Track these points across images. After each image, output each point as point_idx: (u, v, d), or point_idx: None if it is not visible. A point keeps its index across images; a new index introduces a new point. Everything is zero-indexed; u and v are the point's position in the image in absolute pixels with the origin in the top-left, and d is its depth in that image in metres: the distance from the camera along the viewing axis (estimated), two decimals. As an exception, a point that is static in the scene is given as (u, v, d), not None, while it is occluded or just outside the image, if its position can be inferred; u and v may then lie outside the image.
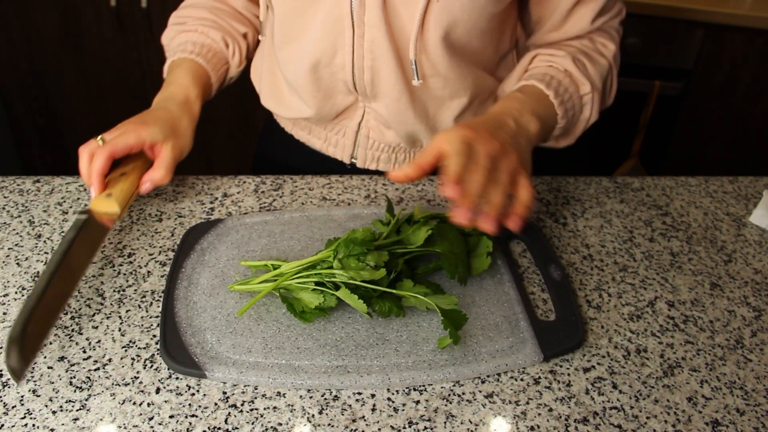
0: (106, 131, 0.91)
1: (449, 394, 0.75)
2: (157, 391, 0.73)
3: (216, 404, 0.72)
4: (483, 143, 0.74)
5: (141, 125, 0.92)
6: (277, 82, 1.08)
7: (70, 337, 0.78)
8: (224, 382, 0.74)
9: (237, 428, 0.70)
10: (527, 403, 0.75)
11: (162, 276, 0.87)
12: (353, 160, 1.11)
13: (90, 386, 0.73)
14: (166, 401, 0.72)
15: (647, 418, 0.75)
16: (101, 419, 0.70)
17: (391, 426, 0.72)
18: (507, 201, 0.76)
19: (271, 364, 0.75)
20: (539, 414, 0.74)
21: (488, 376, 0.77)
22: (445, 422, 0.72)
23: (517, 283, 0.89)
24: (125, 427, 0.69)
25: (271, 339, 0.78)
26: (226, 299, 0.83)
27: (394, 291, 0.81)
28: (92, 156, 0.88)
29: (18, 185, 1.02)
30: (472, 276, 0.88)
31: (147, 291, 0.85)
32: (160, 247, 0.92)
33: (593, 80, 0.96)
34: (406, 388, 0.75)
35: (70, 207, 0.98)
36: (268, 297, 0.84)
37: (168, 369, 0.75)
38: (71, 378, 0.74)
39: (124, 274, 0.87)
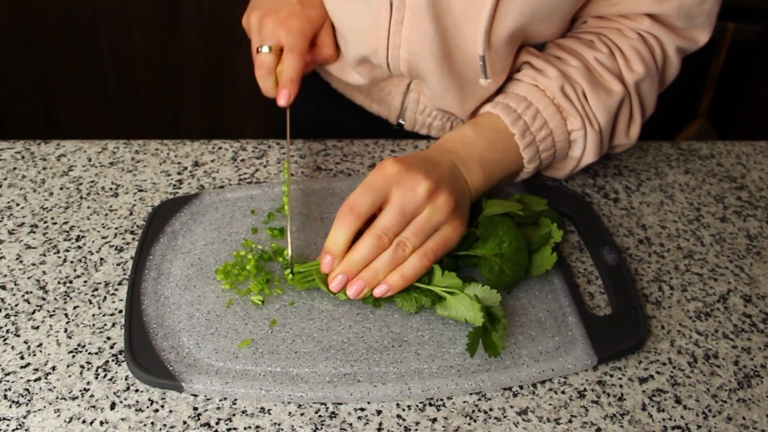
0: (254, 36, 0.97)
1: (473, 410, 0.75)
2: (112, 406, 0.73)
3: (185, 423, 0.72)
4: (403, 189, 0.79)
5: (303, 19, 0.97)
6: None
7: (4, 340, 0.78)
8: (197, 395, 0.74)
9: (211, 452, 0.70)
10: (570, 421, 0.74)
11: (118, 264, 0.87)
12: (401, 122, 1.11)
13: (29, 400, 0.72)
14: (123, 419, 0.71)
15: (718, 440, 0.74)
16: (44, 441, 0.70)
17: (401, 449, 0.71)
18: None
19: (262, 372, 0.75)
20: (584, 435, 0.74)
21: (521, 388, 0.77)
22: (467, 445, 0.72)
23: (562, 269, 0.88)
24: (73, 451, 0.69)
25: (263, 342, 0.78)
26: (205, 293, 0.83)
27: (419, 284, 0.81)
28: (271, 70, 0.94)
29: (-60, 152, 1.01)
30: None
31: (99, 283, 0.85)
32: (116, 228, 0.92)
33: (590, 113, 0.93)
34: (421, 402, 0.75)
35: (5, 179, 0.97)
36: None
37: (126, 380, 0.75)
38: (6, 390, 0.73)
39: (71, 262, 0.87)
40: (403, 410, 0.74)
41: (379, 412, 0.74)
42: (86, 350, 0.77)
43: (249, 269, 0.84)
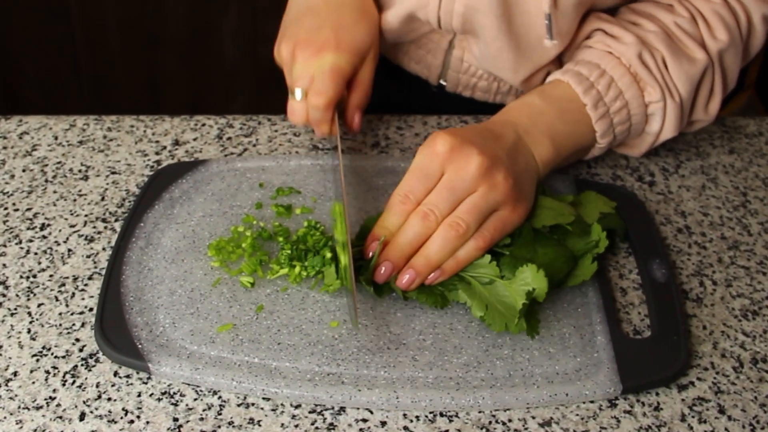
0: (286, 73, 0.96)
1: (490, 422, 0.74)
2: (82, 416, 0.72)
3: (164, 435, 0.72)
4: (456, 166, 0.79)
5: (340, 50, 0.94)
6: None
7: (-40, 342, 0.78)
8: (177, 404, 0.73)
9: (193, 469, 0.70)
10: (599, 434, 0.74)
11: (88, 256, 0.87)
12: (442, 83, 1.12)
13: (-12, 410, 0.72)
14: (93, 431, 0.71)
15: (768, 455, 0.74)
16: (4, 456, 0.70)
17: (408, 466, 0.71)
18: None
19: (238, 361, 0.76)
20: (616, 450, 0.73)
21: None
22: (483, 461, 0.72)
23: (600, 281, 0.87)
24: (38, 467, 0.69)
25: (245, 328, 0.79)
26: (193, 269, 0.84)
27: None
28: (304, 119, 0.94)
29: None
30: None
31: (67, 277, 0.84)
32: (86, 216, 0.91)
33: (671, 83, 0.93)
34: (431, 413, 0.74)
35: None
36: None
37: (97, 387, 0.75)
38: (-38, 398, 0.73)
39: (35, 254, 0.87)
40: (411, 421, 0.74)
41: (383, 423, 0.73)
42: (52, 353, 0.77)
43: (244, 247, 0.85)
